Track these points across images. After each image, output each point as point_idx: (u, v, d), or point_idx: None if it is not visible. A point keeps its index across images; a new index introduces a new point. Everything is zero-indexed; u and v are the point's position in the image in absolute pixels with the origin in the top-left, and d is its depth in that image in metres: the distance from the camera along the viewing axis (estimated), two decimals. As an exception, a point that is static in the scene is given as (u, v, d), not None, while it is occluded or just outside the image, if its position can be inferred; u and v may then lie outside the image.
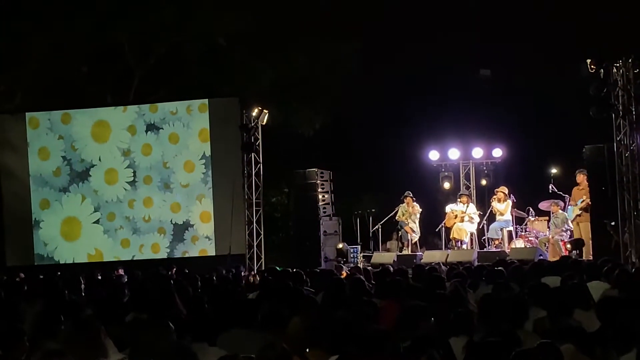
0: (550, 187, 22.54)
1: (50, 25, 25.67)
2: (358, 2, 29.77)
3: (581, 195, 20.69)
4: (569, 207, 21.46)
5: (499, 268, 13.02)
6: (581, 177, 20.98)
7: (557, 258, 17.10)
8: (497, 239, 22.26)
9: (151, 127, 23.37)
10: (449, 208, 22.80)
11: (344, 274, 15.28)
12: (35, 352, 7.05)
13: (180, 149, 23.25)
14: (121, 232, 23.45)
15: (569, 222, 21.26)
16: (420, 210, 22.89)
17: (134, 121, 23.51)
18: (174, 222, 23.17)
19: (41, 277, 17.00)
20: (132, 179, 23.47)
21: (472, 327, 7.54)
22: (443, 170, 24.66)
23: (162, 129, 23.32)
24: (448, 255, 21.07)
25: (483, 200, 24.14)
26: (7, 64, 25.97)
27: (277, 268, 15.93)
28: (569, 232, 21.29)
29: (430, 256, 21.26)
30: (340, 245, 23.15)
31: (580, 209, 20.71)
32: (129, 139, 23.51)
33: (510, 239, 22.19)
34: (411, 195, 22.84)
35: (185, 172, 23.15)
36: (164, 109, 23.49)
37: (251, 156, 22.75)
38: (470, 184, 24.68)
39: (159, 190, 23.33)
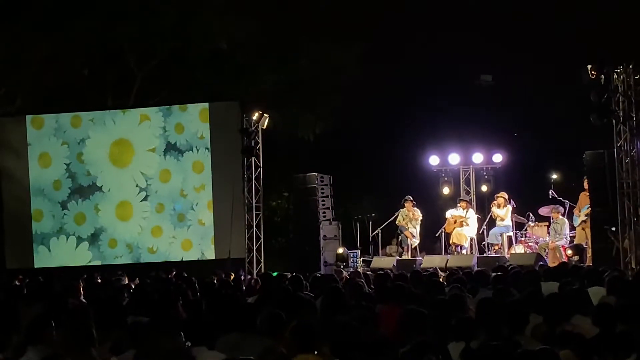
0: (550, 192, 22.57)
1: (51, 27, 25.65)
2: (359, 7, 29.75)
3: (587, 201, 20.65)
4: (575, 216, 21.45)
5: (499, 273, 13.02)
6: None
7: (557, 264, 17.10)
8: (497, 244, 22.26)
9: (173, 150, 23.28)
10: (449, 213, 22.80)
11: (344, 278, 15.24)
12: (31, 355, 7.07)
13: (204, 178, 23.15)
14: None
15: (568, 228, 21.29)
16: (421, 215, 22.89)
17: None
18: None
19: (40, 279, 16.99)
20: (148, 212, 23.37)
21: (471, 332, 7.53)
22: (443, 175, 24.65)
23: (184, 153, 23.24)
24: (448, 260, 21.06)
25: (483, 206, 24.16)
26: (8, 67, 25.96)
27: (272, 274, 15.95)
28: (569, 238, 21.29)
29: (430, 261, 21.26)
30: (341, 250, 23.15)
31: (586, 215, 20.68)
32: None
33: (510, 244, 22.19)
34: (411, 199, 22.85)
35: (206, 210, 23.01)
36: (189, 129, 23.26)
37: (251, 160, 22.73)
38: (470, 189, 24.66)
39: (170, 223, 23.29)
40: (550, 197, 22.47)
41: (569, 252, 20.51)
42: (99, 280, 15.99)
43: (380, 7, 30.86)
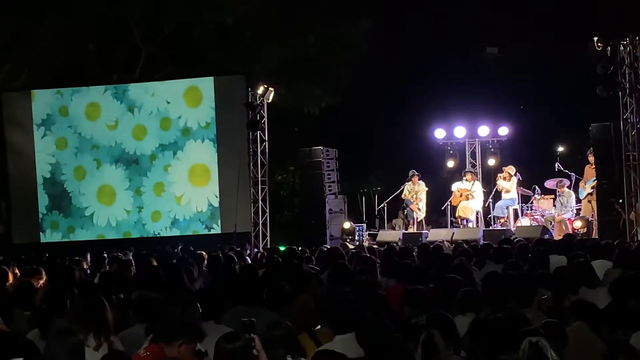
0: (556, 165, 22.55)
1: (57, 3, 25.56)
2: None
3: (593, 174, 20.62)
4: (580, 189, 21.45)
5: (505, 246, 13.03)
6: (594, 157, 20.92)
7: (563, 236, 17.11)
8: (503, 217, 22.26)
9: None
10: (455, 186, 22.80)
11: (350, 252, 15.26)
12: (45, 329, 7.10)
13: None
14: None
15: (574, 200, 21.29)
16: (427, 189, 22.89)
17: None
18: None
19: (47, 255, 17.06)
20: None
21: (479, 305, 7.55)
22: (449, 148, 24.63)
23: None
24: (454, 233, 21.07)
25: (489, 179, 24.14)
26: (14, 43, 25.89)
27: (280, 247, 15.97)
28: (575, 211, 21.29)
29: (435, 234, 21.27)
30: (347, 225, 23.14)
31: (592, 187, 20.67)
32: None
33: (516, 217, 22.19)
34: (417, 173, 22.83)
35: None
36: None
37: (257, 134, 22.72)
38: (476, 162, 24.63)
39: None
40: (556, 169, 22.43)
41: (577, 224, 20.49)
42: (105, 255, 16.01)
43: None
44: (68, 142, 23.72)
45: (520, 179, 22.36)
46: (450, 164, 24.52)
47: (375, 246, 17.79)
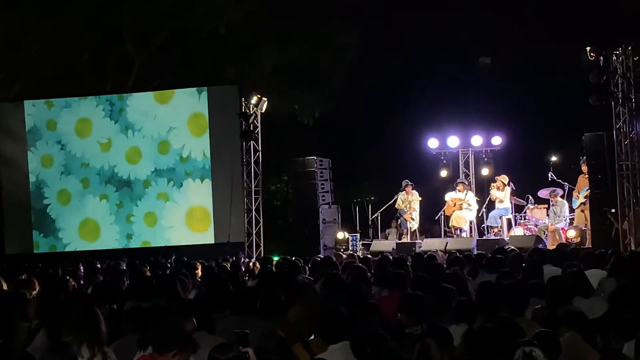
0: (549, 174, 22.55)
1: (49, 12, 25.54)
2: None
3: (586, 184, 20.64)
4: (574, 198, 21.46)
5: (499, 256, 13.03)
6: (586, 166, 20.95)
7: (556, 246, 17.12)
8: (496, 227, 22.26)
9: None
10: (448, 196, 22.80)
11: (344, 261, 15.25)
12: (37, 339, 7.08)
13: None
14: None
15: (568, 210, 21.30)
16: (420, 199, 22.89)
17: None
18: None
19: (40, 265, 17.03)
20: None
21: (473, 315, 7.54)
22: (442, 158, 24.64)
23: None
24: (447, 243, 21.07)
25: (482, 188, 24.14)
26: (7, 52, 25.87)
27: (274, 257, 15.96)
28: (568, 220, 21.30)
29: (429, 244, 21.25)
30: (341, 236, 23.11)
31: (585, 197, 20.69)
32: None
33: (510, 226, 22.19)
34: (410, 183, 22.84)
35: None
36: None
37: (250, 144, 22.72)
38: (469, 172, 24.65)
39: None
40: (550, 179, 22.45)
41: (570, 233, 20.50)
42: (99, 265, 15.98)
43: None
44: (54, 160, 23.52)
45: (514, 188, 22.37)
46: (444, 173, 24.53)
47: (369, 256, 17.78)
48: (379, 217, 23.40)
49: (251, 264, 16.12)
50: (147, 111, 23.20)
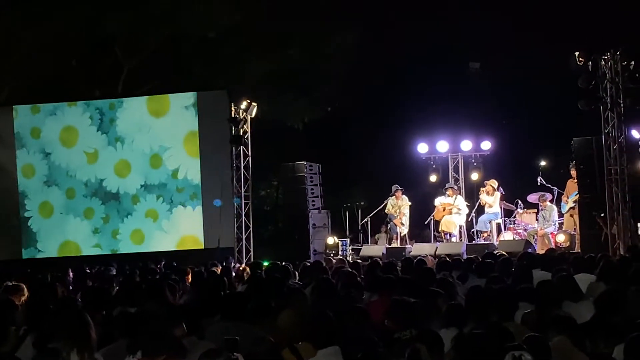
0: (538, 179, 22.61)
1: (39, 18, 25.48)
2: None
3: (575, 188, 20.70)
4: (563, 203, 21.51)
5: (488, 260, 13.05)
6: (575, 171, 20.99)
7: (546, 250, 17.15)
8: (486, 232, 22.29)
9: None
10: (438, 201, 22.82)
11: (334, 266, 15.25)
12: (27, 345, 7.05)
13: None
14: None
15: (557, 215, 21.35)
16: (410, 203, 22.91)
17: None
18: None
19: (29, 271, 16.98)
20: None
21: (463, 319, 7.55)
22: (432, 163, 24.67)
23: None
24: (437, 247, 21.08)
25: (472, 193, 24.18)
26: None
27: (264, 262, 15.94)
28: (557, 225, 21.34)
29: (419, 249, 21.26)
30: (331, 241, 23.11)
31: (574, 202, 20.75)
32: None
33: (499, 231, 22.22)
34: (400, 188, 22.85)
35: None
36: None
37: (240, 149, 22.69)
38: (459, 176, 24.69)
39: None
40: (539, 184, 22.50)
41: (559, 238, 20.53)
42: (88, 271, 15.96)
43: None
44: (36, 170, 23.32)
45: (503, 193, 22.41)
46: (433, 178, 24.56)
47: (359, 261, 17.77)
48: (369, 222, 23.42)
49: (241, 269, 16.11)
50: (139, 124, 22.98)
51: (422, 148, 24.59)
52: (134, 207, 22.92)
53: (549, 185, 22.25)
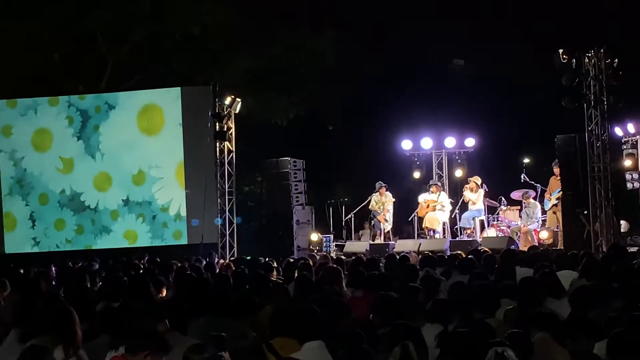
0: (522, 176, 22.66)
1: (23, 13, 25.35)
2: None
3: (558, 185, 20.76)
4: (546, 200, 21.56)
5: (471, 257, 13.09)
6: (558, 168, 21.05)
7: (528, 247, 17.19)
8: (469, 228, 22.33)
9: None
10: (421, 198, 22.84)
11: (317, 262, 15.25)
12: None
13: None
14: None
15: (540, 212, 21.40)
16: (394, 200, 22.93)
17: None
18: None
19: (11, 265, 16.92)
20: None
21: (447, 315, 7.56)
22: (416, 159, 24.70)
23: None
24: (420, 244, 21.10)
25: (456, 190, 24.22)
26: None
27: (246, 258, 15.93)
28: (540, 222, 21.40)
29: (402, 245, 21.26)
30: (315, 238, 23.11)
31: (557, 199, 20.81)
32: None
33: (482, 228, 22.27)
34: (384, 185, 22.88)
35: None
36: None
37: (224, 145, 22.66)
38: (443, 173, 24.74)
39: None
40: (522, 181, 22.55)
41: (542, 235, 20.59)
42: (71, 266, 15.89)
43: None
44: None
45: (487, 190, 22.45)
46: (417, 175, 24.62)
47: (342, 257, 17.78)
48: (353, 218, 23.44)
49: (224, 264, 16.08)
50: (129, 140, 22.90)
51: (406, 145, 24.62)
52: (112, 225, 22.81)
53: (533, 182, 22.30)
